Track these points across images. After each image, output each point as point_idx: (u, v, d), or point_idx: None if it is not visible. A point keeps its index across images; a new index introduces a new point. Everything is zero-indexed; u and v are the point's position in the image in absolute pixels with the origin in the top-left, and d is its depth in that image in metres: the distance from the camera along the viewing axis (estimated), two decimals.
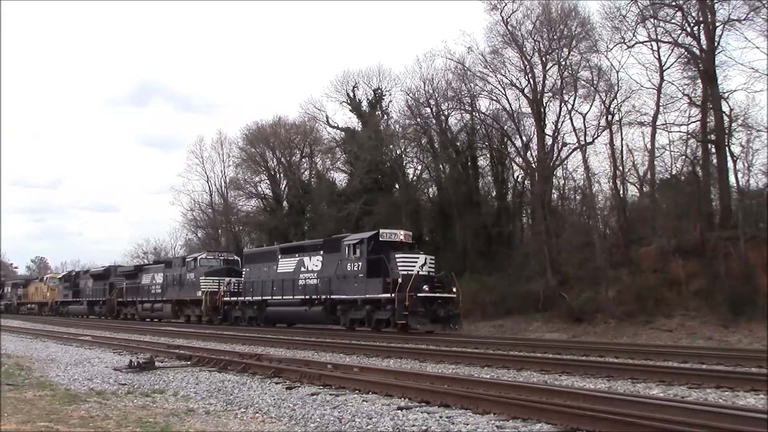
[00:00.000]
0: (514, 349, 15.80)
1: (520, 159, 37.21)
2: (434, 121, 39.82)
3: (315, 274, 26.51)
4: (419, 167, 43.15)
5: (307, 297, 26.25)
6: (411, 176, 42.91)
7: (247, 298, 30.39)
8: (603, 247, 28.51)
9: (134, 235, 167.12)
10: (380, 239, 24.07)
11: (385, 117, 44.21)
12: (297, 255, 28.14)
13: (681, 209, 27.89)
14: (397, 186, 41.91)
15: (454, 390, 8.48)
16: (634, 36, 31.27)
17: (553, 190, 35.60)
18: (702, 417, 6.32)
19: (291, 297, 27.12)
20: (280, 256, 29.11)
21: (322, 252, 26.52)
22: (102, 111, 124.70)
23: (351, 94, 44.47)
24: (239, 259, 34.82)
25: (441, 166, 40.52)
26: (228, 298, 31.97)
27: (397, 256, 22.89)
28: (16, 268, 79.52)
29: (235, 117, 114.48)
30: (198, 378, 11.09)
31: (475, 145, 39.81)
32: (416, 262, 22.91)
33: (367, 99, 44.57)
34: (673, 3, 29.66)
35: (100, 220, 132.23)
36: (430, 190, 43.05)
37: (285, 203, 50.68)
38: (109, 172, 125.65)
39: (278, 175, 51.48)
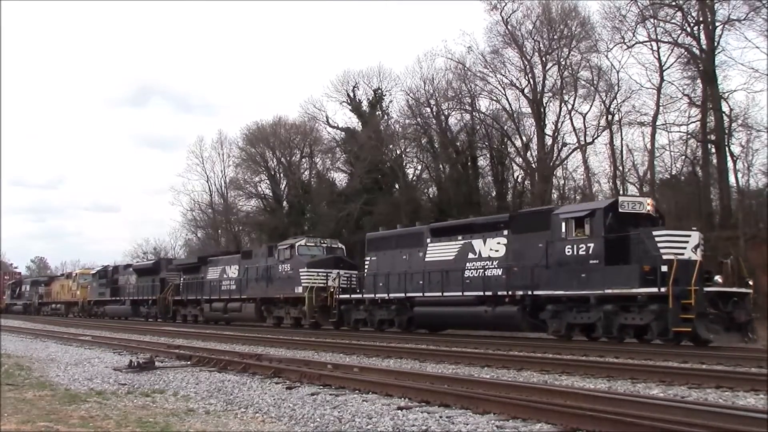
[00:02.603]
0: (514, 349, 15.80)
1: (520, 159, 37.27)
2: (434, 121, 39.88)
3: (495, 262, 19.80)
4: (419, 167, 43.26)
5: (485, 293, 19.50)
6: (411, 176, 43.01)
7: (378, 295, 23.12)
8: None
9: (134, 235, 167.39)
10: (620, 210, 17.34)
11: (385, 117, 44.32)
12: (459, 237, 21.22)
13: (681, 209, 27.89)
14: (397, 186, 41.96)
15: (454, 390, 8.48)
16: (634, 36, 31.37)
17: (553, 190, 35.63)
18: (702, 417, 6.31)
19: (458, 293, 20.24)
20: (429, 240, 22.21)
21: (507, 231, 19.77)
22: (102, 111, 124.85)
23: (351, 94, 44.57)
24: (344, 247, 29.03)
25: (441, 166, 40.57)
26: (347, 296, 24.78)
27: (655, 233, 16.42)
28: (16, 268, 79.22)
29: (235, 117, 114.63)
30: (198, 378, 11.09)
31: (475, 145, 39.88)
32: (686, 242, 16.21)
33: (368, 99, 44.66)
34: (673, 3, 29.67)
35: (100, 220, 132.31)
36: (430, 190, 43.13)
37: (285, 203, 50.73)
38: (109, 172, 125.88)
39: (278, 175, 51.54)
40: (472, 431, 6.67)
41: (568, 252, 17.46)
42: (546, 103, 35.33)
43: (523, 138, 36.93)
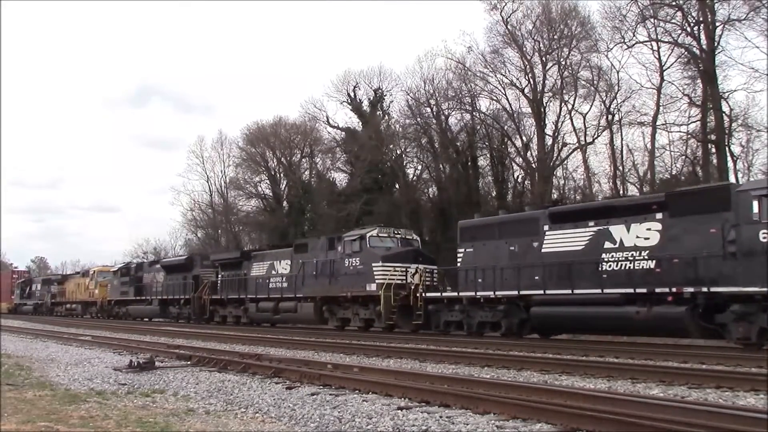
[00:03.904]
0: (514, 349, 15.78)
1: (520, 159, 37.28)
2: (434, 121, 39.89)
3: (645, 253, 16.34)
4: (419, 167, 43.29)
5: (635, 291, 16.07)
6: (411, 176, 43.04)
7: (480, 293, 19.48)
8: None
9: (134, 235, 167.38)
10: None
11: (386, 117, 44.33)
12: (591, 223, 17.73)
13: None
14: (397, 186, 41.98)
15: (454, 390, 8.48)
16: (634, 36, 31.38)
17: (553, 190, 35.64)
18: (702, 417, 6.31)
19: (593, 291, 16.75)
20: (547, 227, 18.69)
21: (662, 214, 16.20)
22: (102, 111, 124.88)
23: (351, 94, 44.60)
24: (419, 238, 26.08)
25: (441, 166, 40.58)
26: (436, 294, 21.34)
27: None
28: (16, 267, 79.04)
29: (235, 117, 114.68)
30: (198, 378, 11.09)
31: (475, 145, 39.90)
32: None
33: (368, 99, 44.70)
34: (673, 3, 29.68)
35: (100, 220, 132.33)
36: (430, 190, 43.16)
37: (285, 203, 50.77)
38: (109, 172, 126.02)
39: (278, 175, 51.61)
40: (472, 431, 6.67)
41: (765, 238, 13.89)
42: (546, 103, 35.37)
43: (523, 138, 36.98)
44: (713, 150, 29.61)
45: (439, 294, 21.17)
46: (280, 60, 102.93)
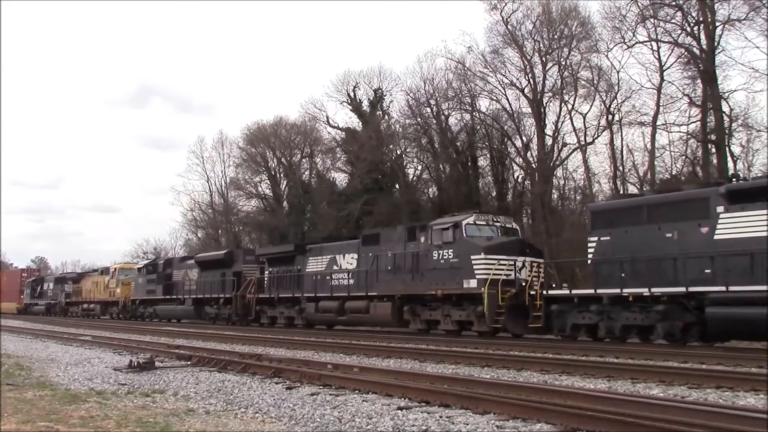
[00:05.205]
0: (514, 349, 15.78)
1: (520, 159, 37.30)
2: (434, 121, 39.91)
3: None
4: (419, 167, 43.32)
5: None
6: (411, 176, 43.07)
7: (629, 290, 16.01)
8: None
9: (134, 235, 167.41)
10: None
11: (386, 117, 44.34)
12: None
13: None
14: (397, 186, 42.00)
15: (454, 390, 8.48)
16: (634, 36, 31.39)
17: (553, 190, 35.67)
18: (702, 417, 6.32)
19: None
20: (722, 208, 15.16)
21: None
22: (102, 112, 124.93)
23: (351, 94, 44.62)
24: (518, 227, 22.81)
25: (441, 166, 40.59)
26: (563, 292, 18.12)
27: None
28: (15, 267, 78.84)
29: (236, 117, 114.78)
30: (198, 378, 11.09)
31: (475, 145, 39.94)
32: None
33: (368, 99, 44.72)
34: (673, 3, 29.68)
35: (100, 220, 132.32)
36: (430, 190, 43.18)
37: (285, 203, 50.80)
38: (109, 172, 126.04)
39: (278, 175, 51.67)
40: (472, 431, 6.67)
41: None
42: (546, 103, 35.39)
43: (523, 138, 37.00)
44: (713, 150, 29.62)
45: (567, 291, 17.78)
46: (280, 60, 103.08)
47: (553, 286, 19.33)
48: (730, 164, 28.89)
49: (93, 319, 42.43)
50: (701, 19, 29.24)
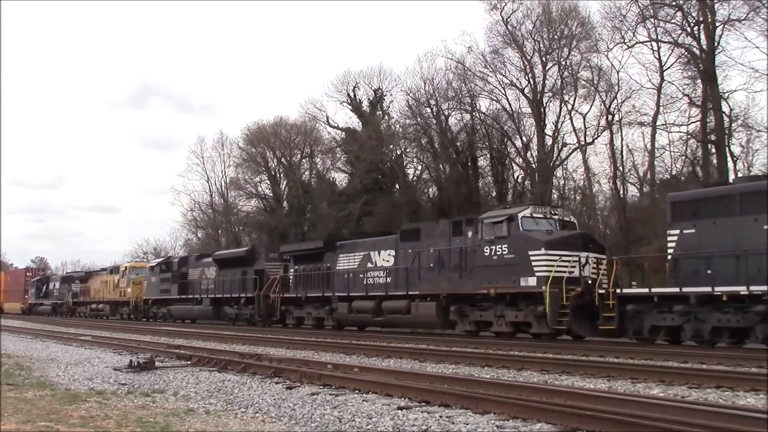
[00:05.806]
0: (514, 349, 15.77)
1: (520, 159, 37.30)
2: (434, 121, 39.92)
3: None
4: (419, 167, 43.34)
5: None
6: (411, 176, 43.09)
7: (722, 288, 14.37)
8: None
9: (134, 235, 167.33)
10: None
11: (386, 117, 44.36)
12: None
13: None
14: (397, 186, 42.01)
15: (454, 390, 8.48)
16: (634, 36, 31.41)
17: (553, 190, 35.67)
18: (702, 417, 6.32)
19: None
20: None
21: None
22: (102, 112, 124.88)
23: (351, 94, 44.64)
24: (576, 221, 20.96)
25: (441, 166, 40.60)
26: (642, 290, 16.71)
27: None
28: (15, 267, 78.72)
29: (236, 117, 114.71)
30: (198, 378, 11.09)
31: (475, 145, 39.96)
32: None
33: (368, 99, 44.74)
34: (673, 3, 29.69)
35: (100, 220, 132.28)
36: (430, 190, 43.19)
37: (285, 203, 50.81)
38: (109, 172, 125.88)
39: (278, 175, 51.69)
40: (472, 431, 6.67)
41: None
42: (546, 103, 35.40)
43: (523, 138, 37.01)
44: (713, 150, 29.63)
45: (647, 290, 16.31)
46: (280, 60, 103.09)
47: (634, 284, 18.14)
48: (730, 164, 28.93)
49: (102, 320, 41.09)
50: (701, 19, 29.25)
